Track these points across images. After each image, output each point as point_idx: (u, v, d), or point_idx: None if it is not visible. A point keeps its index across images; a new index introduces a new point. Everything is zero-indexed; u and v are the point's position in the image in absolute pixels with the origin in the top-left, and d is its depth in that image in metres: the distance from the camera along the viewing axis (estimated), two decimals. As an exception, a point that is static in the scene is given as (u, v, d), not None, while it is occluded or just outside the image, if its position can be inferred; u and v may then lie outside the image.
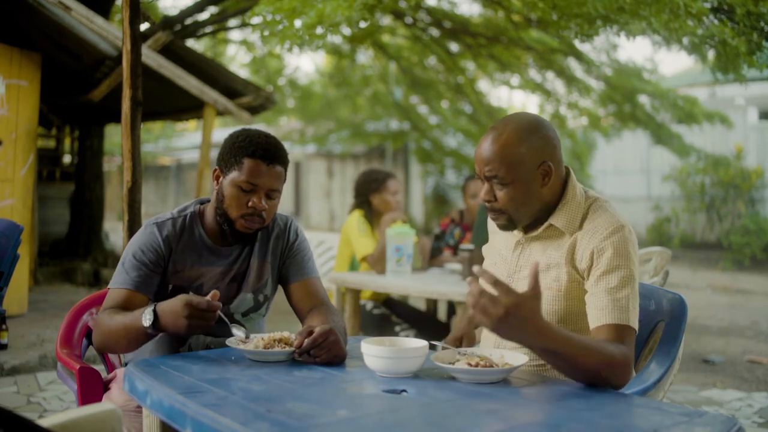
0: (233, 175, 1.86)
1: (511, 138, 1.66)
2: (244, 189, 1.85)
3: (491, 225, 1.96)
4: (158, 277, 1.89)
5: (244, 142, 1.87)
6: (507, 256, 1.83)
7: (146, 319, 1.69)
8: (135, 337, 1.74)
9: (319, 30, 4.32)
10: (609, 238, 1.63)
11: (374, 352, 1.55)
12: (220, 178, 1.91)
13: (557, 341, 1.45)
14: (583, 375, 1.50)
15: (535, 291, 1.42)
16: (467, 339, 1.96)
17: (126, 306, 1.83)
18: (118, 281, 1.87)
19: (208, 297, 1.67)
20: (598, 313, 1.60)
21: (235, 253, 1.97)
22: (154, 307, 1.69)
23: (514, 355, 1.60)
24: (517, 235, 1.81)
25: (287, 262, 2.02)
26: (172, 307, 1.66)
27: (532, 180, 1.68)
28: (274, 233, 2.02)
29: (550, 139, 1.70)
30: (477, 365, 1.53)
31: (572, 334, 1.50)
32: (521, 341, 1.46)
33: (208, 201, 2.01)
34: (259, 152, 1.85)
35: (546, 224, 1.73)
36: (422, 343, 1.61)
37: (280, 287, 2.08)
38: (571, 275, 1.68)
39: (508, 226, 1.74)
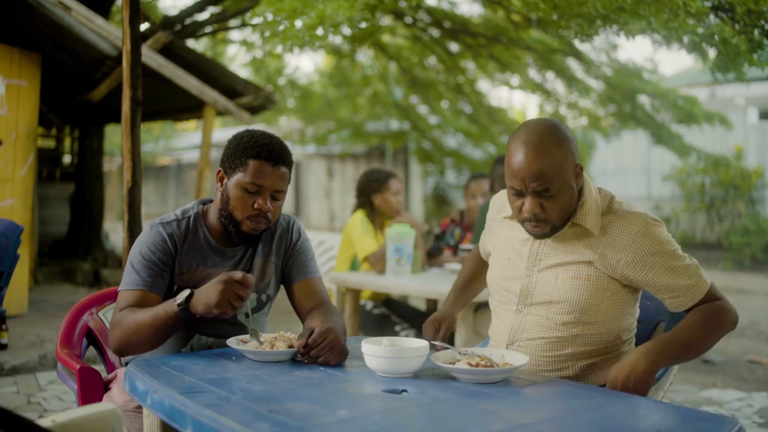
0: (238, 176, 1.86)
1: (553, 148, 1.67)
2: (249, 190, 1.85)
3: (495, 218, 1.98)
4: (168, 277, 1.88)
5: (248, 143, 1.86)
6: (522, 250, 1.85)
7: (180, 296, 1.70)
8: (163, 322, 1.72)
9: (319, 31, 4.32)
10: (647, 233, 1.72)
11: (375, 352, 1.55)
12: (225, 180, 1.90)
13: (672, 348, 1.64)
14: (710, 345, 1.72)
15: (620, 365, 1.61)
16: (447, 322, 2.00)
17: (141, 306, 1.81)
18: (129, 282, 1.84)
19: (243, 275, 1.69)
20: (681, 299, 1.73)
21: (240, 254, 1.97)
22: (191, 289, 1.72)
23: (514, 355, 1.60)
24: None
25: (290, 262, 2.02)
26: (209, 284, 1.68)
27: (572, 186, 1.72)
28: (277, 233, 2.02)
29: (573, 140, 1.74)
30: (477, 365, 1.53)
31: (675, 331, 1.68)
32: (661, 367, 1.63)
33: (211, 201, 2.01)
34: (264, 153, 1.84)
35: (569, 224, 1.77)
36: (423, 343, 1.61)
37: (281, 287, 2.08)
38: (600, 270, 1.74)
39: (549, 233, 1.76)
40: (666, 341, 1.64)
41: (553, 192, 1.68)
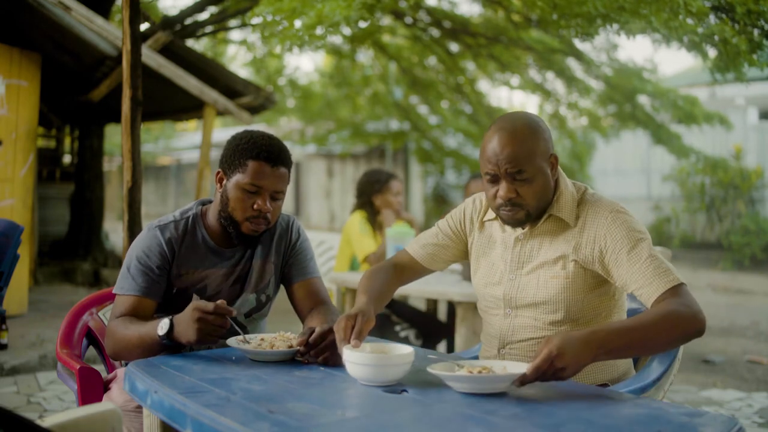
0: (237, 177, 1.85)
1: (527, 134, 1.70)
2: (249, 191, 1.84)
3: (474, 221, 1.96)
4: (164, 281, 1.88)
5: (247, 144, 1.85)
6: (504, 255, 1.84)
7: (161, 328, 1.68)
8: (149, 346, 1.73)
9: (318, 30, 4.32)
10: (615, 221, 1.70)
11: (355, 359, 1.46)
12: (224, 181, 1.90)
13: (622, 336, 1.50)
14: (663, 346, 1.60)
15: (549, 339, 1.45)
16: (362, 316, 1.65)
17: (136, 313, 1.82)
18: (125, 287, 1.86)
19: (216, 303, 1.66)
20: (648, 289, 1.62)
21: (238, 255, 1.97)
22: (171, 317, 1.69)
23: (517, 366, 1.52)
24: (513, 232, 1.84)
25: (289, 262, 2.01)
26: (184, 314, 1.66)
27: (547, 172, 1.74)
28: (276, 233, 2.01)
29: (548, 131, 1.77)
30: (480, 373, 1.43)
31: (628, 322, 1.56)
32: (598, 357, 1.48)
33: (210, 202, 2.00)
34: (263, 154, 1.84)
35: (546, 216, 1.77)
36: (408, 349, 1.53)
37: (280, 286, 2.07)
38: (577, 264, 1.72)
39: (524, 221, 1.76)
40: (613, 334, 1.51)
41: (527, 176, 1.70)
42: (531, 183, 1.71)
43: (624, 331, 1.54)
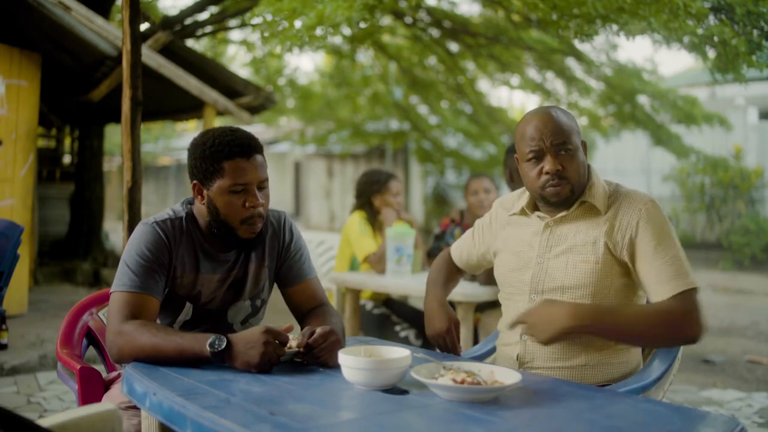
0: (219, 183, 1.77)
1: (564, 114, 1.82)
2: (235, 192, 1.77)
3: (501, 219, 2.00)
4: (164, 279, 1.80)
5: (214, 147, 1.77)
6: (533, 241, 1.87)
7: (215, 345, 1.57)
8: (187, 360, 1.60)
9: (319, 31, 4.32)
10: (650, 211, 1.75)
11: (352, 364, 1.46)
12: (204, 191, 1.81)
13: (605, 324, 1.65)
14: (648, 340, 1.72)
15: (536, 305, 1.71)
16: (453, 323, 2.04)
17: (141, 311, 1.70)
18: (126, 283, 1.72)
19: (284, 328, 1.65)
20: (660, 287, 1.68)
21: (232, 259, 1.90)
22: (226, 335, 1.59)
23: (504, 372, 1.49)
24: (540, 220, 1.88)
25: (285, 265, 1.95)
26: (248, 337, 1.57)
27: (582, 152, 1.83)
28: (268, 233, 1.94)
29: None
30: (463, 382, 1.41)
31: (622, 306, 1.71)
32: (576, 329, 1.64)
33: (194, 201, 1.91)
34: (236, 150, 1.76)
35: (579, 202, 1.82)
36: (404, 353, 1.52)
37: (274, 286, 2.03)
38: (607, 250, 1.76)
39: (569, 197, 1.81)
40: (603, 314, 1.67)
41: (572, 147, 1.78)
42: (573, 157, 1.78)
43: (613, 311, 1.68)
